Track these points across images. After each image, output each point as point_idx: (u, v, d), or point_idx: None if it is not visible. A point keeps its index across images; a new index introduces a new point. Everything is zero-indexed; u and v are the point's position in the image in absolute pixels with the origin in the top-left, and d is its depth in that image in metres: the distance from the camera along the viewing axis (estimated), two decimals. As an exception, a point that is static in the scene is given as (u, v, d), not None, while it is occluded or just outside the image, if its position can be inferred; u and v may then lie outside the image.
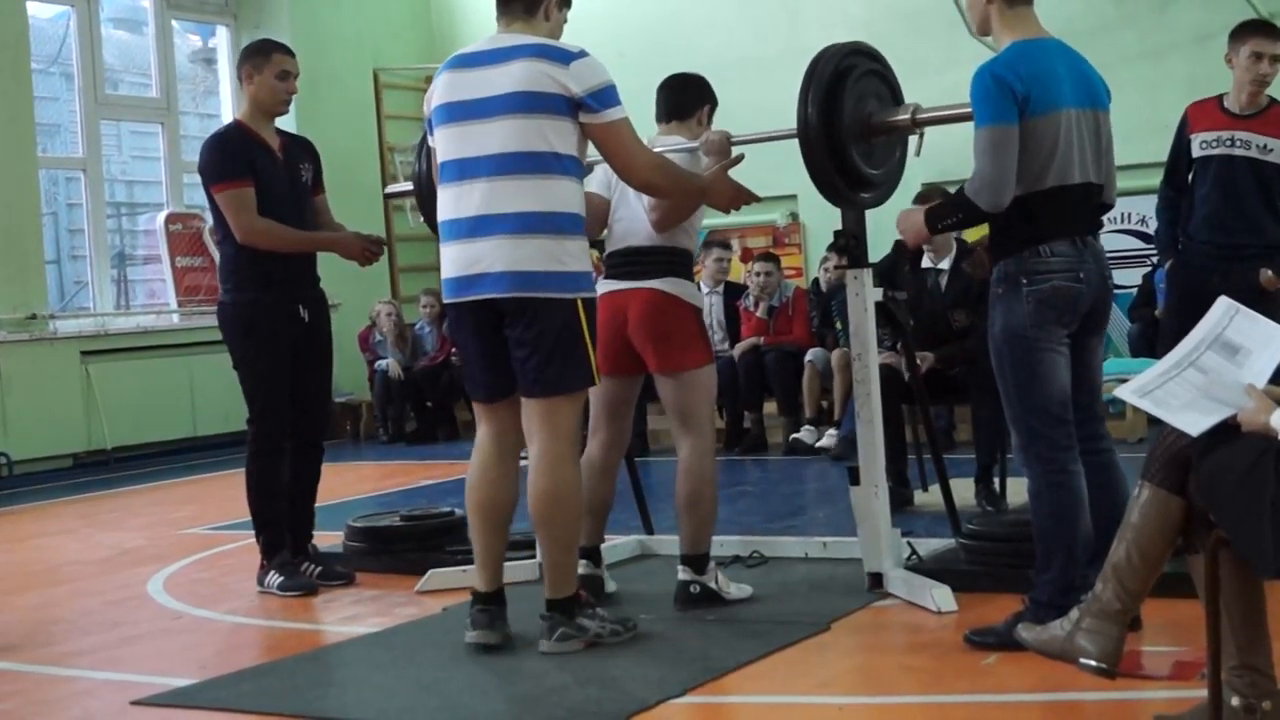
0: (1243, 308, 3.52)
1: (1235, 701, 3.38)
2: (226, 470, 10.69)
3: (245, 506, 8.17)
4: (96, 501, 9.63)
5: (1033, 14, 4.54)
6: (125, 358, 11.70)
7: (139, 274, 13.28)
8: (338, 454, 10.50)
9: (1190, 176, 6.44)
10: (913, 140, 5.19)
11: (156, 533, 7.93)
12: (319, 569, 6.10)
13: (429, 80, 16.14)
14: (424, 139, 5.64)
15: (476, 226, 4.62)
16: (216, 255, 12.35)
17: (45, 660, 5.11)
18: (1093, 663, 3.48)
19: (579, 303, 4.63)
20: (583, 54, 4.65)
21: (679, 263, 5.23)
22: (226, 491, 9.63)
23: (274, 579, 5.96)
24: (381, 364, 12.02)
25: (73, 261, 13.40)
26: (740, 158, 5.09)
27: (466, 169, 4.66)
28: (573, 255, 4.62)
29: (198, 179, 6.16)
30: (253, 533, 7.13)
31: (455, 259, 4.70)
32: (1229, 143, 6.27)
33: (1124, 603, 3.47)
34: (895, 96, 5.15)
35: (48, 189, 12.59)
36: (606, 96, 4.64)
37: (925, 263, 7.49)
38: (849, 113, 4.92)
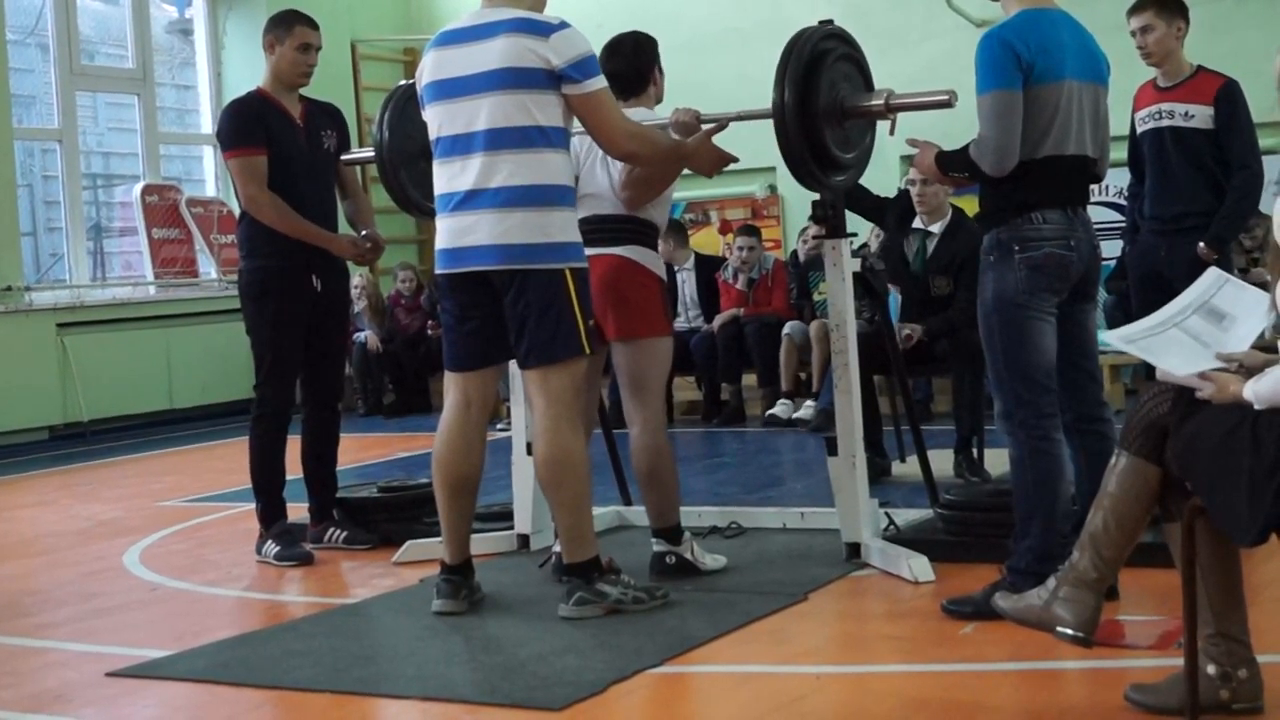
0: (1232, 278, 3.54)
1: (1211, 670, 3.39)
2: (204, 443, 10.70)
3: (221, 479, 8.26)
4: (73, 474, 9.58)
5: None
6: (101, 330, 11.64)
7: (115, 246, 13.21)
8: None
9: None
10: (886, 122, 5.18)
11: (133, 505, 7.90)
12: (344, 533, 6.13)
13: (407, 52, 16.10)
14: (385, 107, 5.63)
15: (466, 200, 4.69)
16: (194, 227, 12.45)
17: (20, 631, 5.09)
18: (1069, 631, 3.48)
19: (567, 273, 4.67)
20: (563, 25, 4.68)
21: (645, 233, 5.24)
22: (203, 464, 9.64)
23: (271, 548, 5.96)
24: (359, 337, 11.98)
25: (49, 233, 13.33)
26: (725, 124, 5.09)
27: (458, 145, 4.72)
28: (559, 226, 4.67)
29: (174, 150, 6.18)
30: (230, 505, 7.14)
31: (447, 231, 4.77)
32: (1157, 116, 6.34)
33: (1101, 571, 3.47)
34: (867, 81, 5.16)
35: (23, 161, 12.51)
36: (587, 67, 4.67)
37: (916, 223, 7.47)
38: (824, 97, 4.92)
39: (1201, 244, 6.19)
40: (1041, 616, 3.55)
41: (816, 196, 5.28)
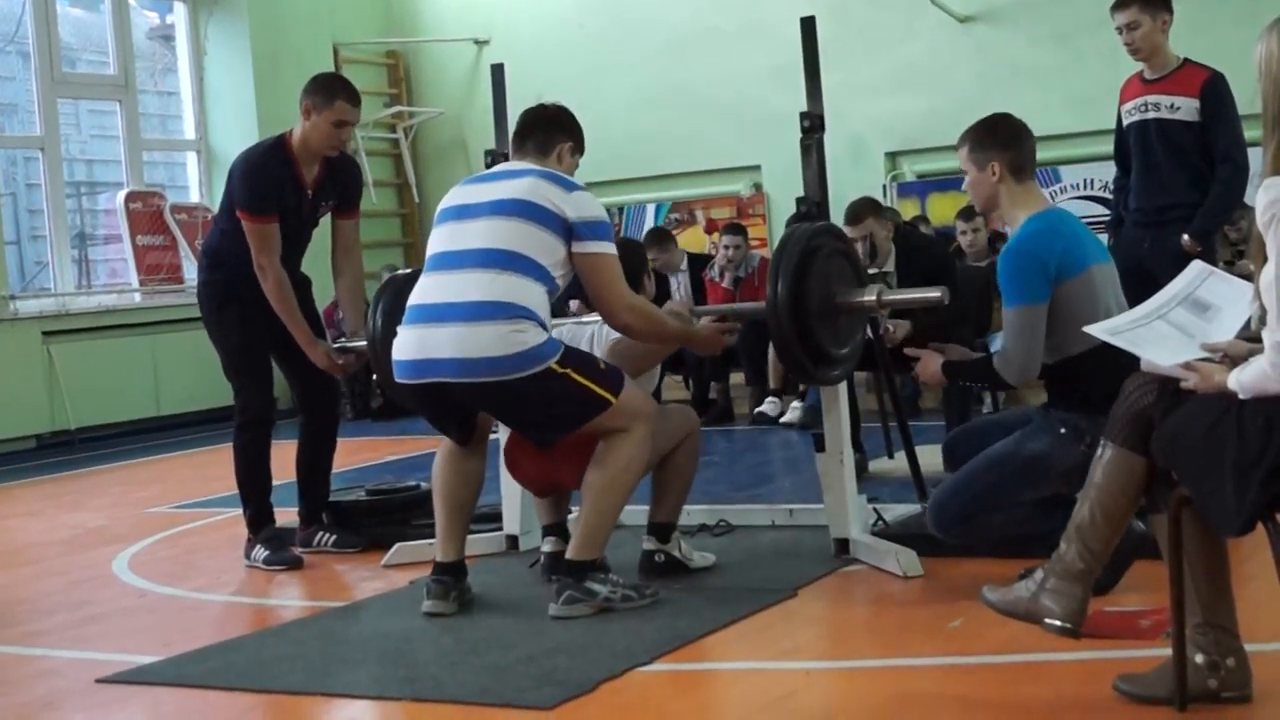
0: (1216, 270, 3.57)
1: (1199, 659, 3.40)
2: (191, 449, 10.68)
3: (209, 485, 8.25)
4: (60, 482, 9.57)
5: (1037, 185, 4.67)
6: (87, 338, 11.62)
7: (100, 253, 13.19)
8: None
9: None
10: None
11: (121, 512, 7.90)
12: (333, 537, 6.13)
13: (389, 55, 16.08)
14: (379, 297, 5.55)
15: (437, 313, 4.66)
16: (178, 233, 12.43)
17: (9, 640, 5.08)
18: (1057, 623, 3.49)
19: (552, 368, 4.58)
20: (585, 189, 4.79)
21: None
22: (191, 470, 9.63)
23: (260, 553, 5.95)
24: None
25: (33, 242, 13.31)
26: (736, 327, 5.24)
27: (448, 260, 4.74)
28: (528, 333, 4.56)
29: (157, 156, 6.13)
30: (218, 511, 7.13)
31: (407, 342, 4.72)
32: (1143, 108, 6.35)
33: (1088, 562, 3.48)
34: (859, 277, 5.18)
35: (6, 169, 12.50)
36: (599, 230, 4.73)
37: (871, 269, 7.47)
38: (816, 293, 4.93)
39: (1185, 236, 6.20)
40: (1029, 609, 3.56)
41: (800, 194, 5.29)
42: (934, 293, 4.99)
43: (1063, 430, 4.52)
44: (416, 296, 4.79)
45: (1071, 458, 4.44)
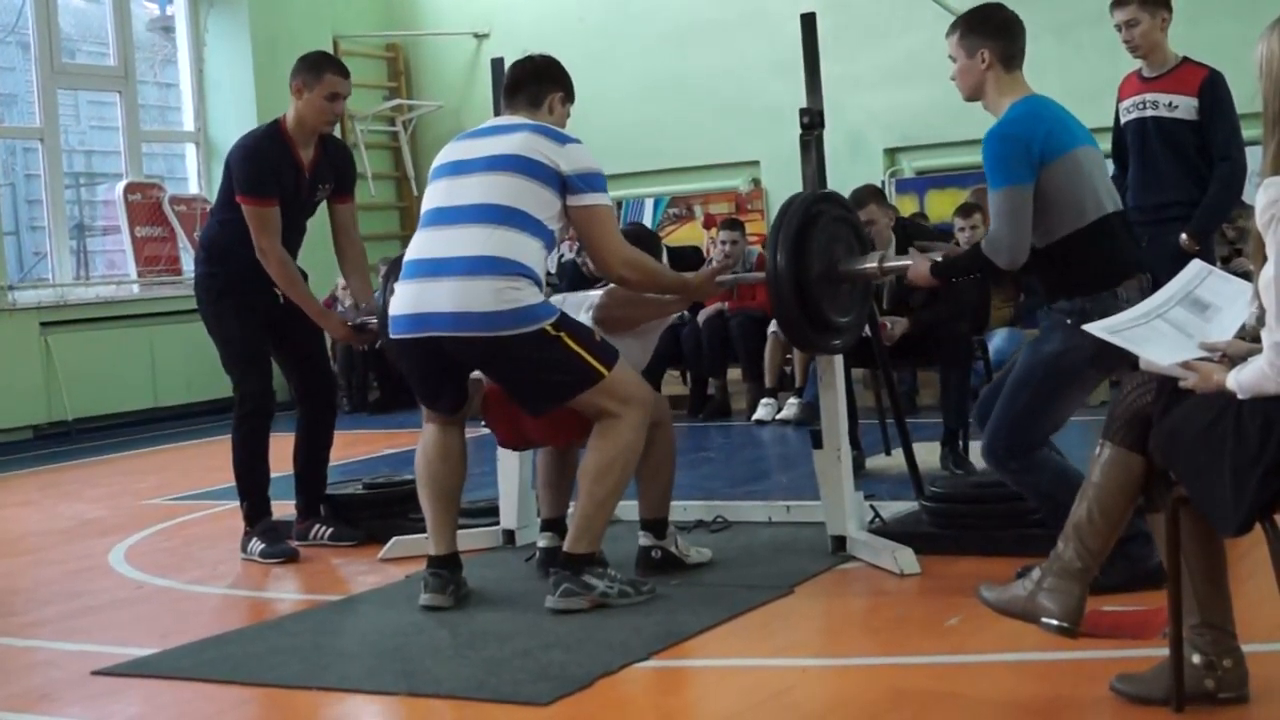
0: (1215, 269, 3.57)
1: (1196, 659, 3.40)
2: (188, 441, 10.68)
3: (206, 477, 8.25)
4: (57, 473, 9.57)
5: (1023, 77, 4.66)
6: (85, 328, 11.62)
7: (98, 244, 13.19)
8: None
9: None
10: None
11: (118, 503, 7.89)
12: (330, 530, 6.13)
13: (389, 48, 16.04)
14: (387, 278, 5.56)
15: (434, 268, 4.68)
16: (177, 225, 12.42)
17: (6, 631, 5.08)
18: (1054, 622, 3.49)
19: (546, 329, 4.61)
20: (579, 141, 4.80)
21: None
22: (188, 462, 9.62)
23: (256, 545, 5.94)
24: (344, 333, 11.94)
25: (31, 232, 13.31)
26: (731, 269, 5.22)
27: (445, 215, 4.77)
28: (523, 291, 4.60)
29: (156, 148, 6.12)
30: (215, 503, 7.12)
31: (404, 297, 4.75)
32: (1141, 106, 6.35)
33: (1085, 561, 3.48)
34: (861, 243, 5.17)
35: (5, 160, 12.49)
36: (594, 181, 4.76)
37: None
38: (817, 261, 4.92)
39: (1184, 235, 6.20)
40: (1026, 607, 3.56)
41: (799, 190, 5.28)
42: (936, 254, 4.98)
43: (1069, 321, 4.48)
44: (413, 252, 4.82)
45: (1084, 345, 4.39)
